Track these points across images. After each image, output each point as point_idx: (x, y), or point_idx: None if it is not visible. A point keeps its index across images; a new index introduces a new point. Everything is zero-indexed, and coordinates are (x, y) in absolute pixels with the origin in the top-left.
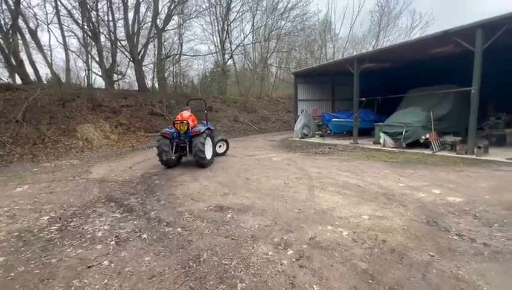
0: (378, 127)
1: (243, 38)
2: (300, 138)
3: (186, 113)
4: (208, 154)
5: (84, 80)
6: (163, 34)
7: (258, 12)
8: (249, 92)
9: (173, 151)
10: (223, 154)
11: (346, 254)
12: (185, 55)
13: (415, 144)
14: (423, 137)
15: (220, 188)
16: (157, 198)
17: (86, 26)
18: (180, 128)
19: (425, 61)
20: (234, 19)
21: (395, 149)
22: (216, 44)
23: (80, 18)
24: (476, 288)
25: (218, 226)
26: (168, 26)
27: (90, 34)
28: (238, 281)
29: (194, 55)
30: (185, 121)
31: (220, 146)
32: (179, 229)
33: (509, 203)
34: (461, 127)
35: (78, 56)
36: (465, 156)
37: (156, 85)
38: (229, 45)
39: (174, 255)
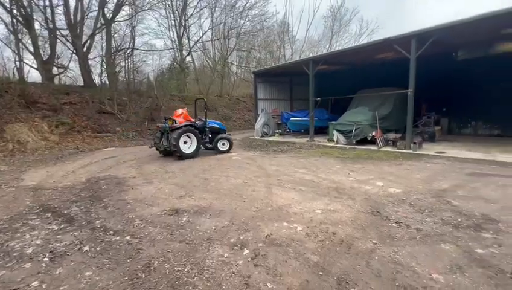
0: (331, 125)
1: (201, 35)
2: (261, 137)
3: (179, 111)
4: (185, 148)
5: (14, 73)
6: (113, 26)
7: (216, 9)
8: (209, 90)
9: (161, 141)
10: (226, 152)
11: (299, 248)
12: (138, 49)
13: (364, 140)
14: (370, 134)
15: (176, 190)
16: (104, 205)
17: (15, 11)
18: (168, 124)
19: (372, 65)
20: (192, 15)
21: (346, 146)
22: (173, 39)
23: (8, 1)
24: (409, 269)
25: (172, 231)
26: (117, 17)
27: (21, 20)
28: (191, 288)
29: (149, 50)
30: (173, 118)
31: (224, 144)
32: (128, 238)
33: (435, 191)
34: (401, 125)
35: (6, 45)
36: (404, 151)
37: (106, 81)
38: (187, 41)
39: (120, 266)
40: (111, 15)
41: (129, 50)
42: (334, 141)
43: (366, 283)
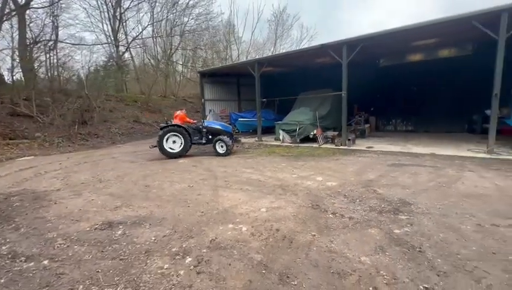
0: (278, 125)
1: (140, 31)
2: None
3: (176, 112)
4: (175, 147)
5: None
6: (28, 13)
7: (157, 4)
8: (152, 90)
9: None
10: (225, 154)
11: (244, 249)
12: (62, 42)
13: (307, 139)
14: (312, 133)
15: (110, 200)
16: (14, 226)
17: None
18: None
19: (312, 68)
20: (129, 8)
21: (291, 144)
22: (107, 34)
23: None
24: (342, 255)
25: (104, 247)
26: (33, 2)
27: None
28: None
29: (77, 44)
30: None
31: (222, 146)
32: (46, 262)
33: (365, 182)
34: (338, 124)
35: None
36: (341, 147)
37: (21, 77)
38: (124, 36)
39: None
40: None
41: (51, 42)
42: (280, 140)
43: (305, 275)
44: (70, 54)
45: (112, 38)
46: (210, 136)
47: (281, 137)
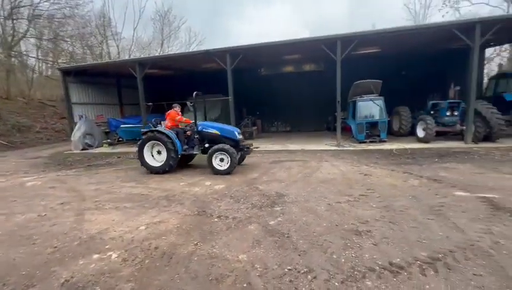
0: None
1: None
2: (83, 150)
3: (168, 111)
4: (160, 159)
5: None
6: None
7: None
8: None
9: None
10: (225, 173)
11: (111, 282)
12: None
13: None
14: None
15: None
16: None
17: None
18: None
19: (202, 72)
20: None
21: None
22: None
23: None
24: (223, 258)
25: None
26: None
27: None
28: None
29: None
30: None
31: (222, 160)
32: None
33: (249, 180)
34: None
35: None
36: None
37: None
38: None
39: None
40: None
41: None
42: None
43: None
44: None
45: None
46: (207, 144)
47: None
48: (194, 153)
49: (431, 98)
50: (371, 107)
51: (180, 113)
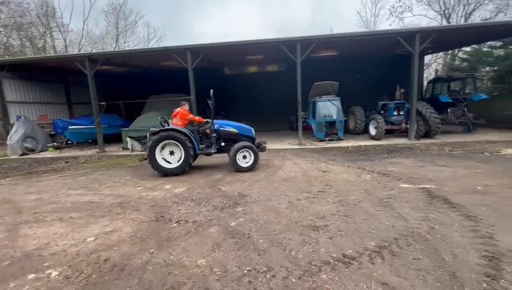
0: (124, 132)
1: None
2: (22, 155)
3: (176, 109)
4: (173, 160)
5: None
6: None
7: None
8: None
9: None
10: (249, 169)
11: None
12: None
13: None
14: None
15: None
16: None
17: None
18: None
19: (163, 71)
20: None
21: (143, 153)
22: None
23: None
24: (180, 265)
25: None
26: None
27: None
28: None
29: None
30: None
31: (245, 156)
32: None
33: (212, 182)
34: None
35: None
36: None
37: None
38: None
39: None
40: None
41: None
42: (129, 149)
43: None
44: None
45: None
46: (223, 143)
47: (129, 146)
48: (212, 152)
49: (381, 99)
50: (329, 107)
51: (189, 111)
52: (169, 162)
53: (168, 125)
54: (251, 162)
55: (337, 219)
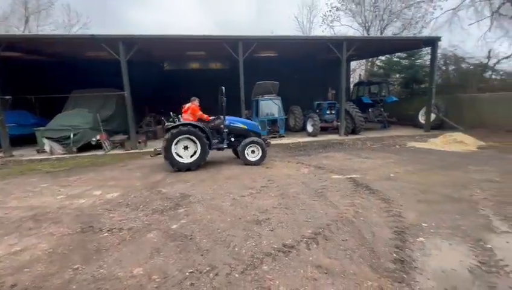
0: (39, 132)
1: None
2: None
3: (187, 105)
4: (186, 155)
5: None
6: None
7: None
8: None
9: None
10: (257, 163)
11: None
12: None
13: (89, 146)
14: (94, 139)
15: None
16: None
17: None
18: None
19: (89, 62)
20: None
21: (65, 155)
22: None
23: None
24: (112, 278)
25: None
26: None
27: None
28: None
29: None
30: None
31: (253, 151)
32: None
33: (151, 184)
34: (128, 126)
35: None
36: (131, 151)
37: None
38: None
39: None
40: None
41: None
42: (47, 151)
43: None
44: None
45: None
46: (233, 139)
47: (47, 148)
48: (224, 147)
49: (316, 99)
50: (271, 106)
51: (199, 107)
52: (181, 157)
53: (179, 120)
54: (259, 156)
55: (278, 211)
